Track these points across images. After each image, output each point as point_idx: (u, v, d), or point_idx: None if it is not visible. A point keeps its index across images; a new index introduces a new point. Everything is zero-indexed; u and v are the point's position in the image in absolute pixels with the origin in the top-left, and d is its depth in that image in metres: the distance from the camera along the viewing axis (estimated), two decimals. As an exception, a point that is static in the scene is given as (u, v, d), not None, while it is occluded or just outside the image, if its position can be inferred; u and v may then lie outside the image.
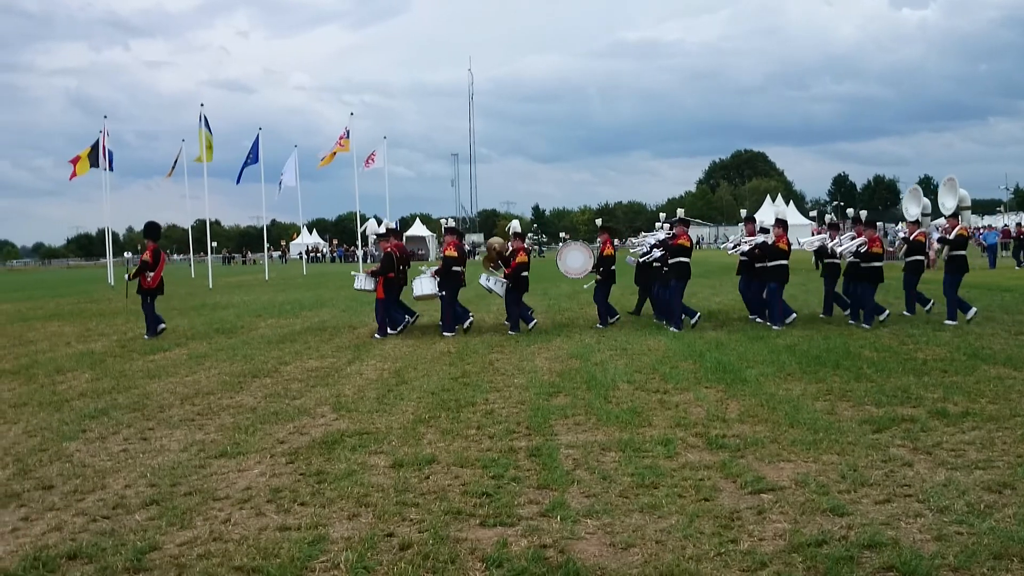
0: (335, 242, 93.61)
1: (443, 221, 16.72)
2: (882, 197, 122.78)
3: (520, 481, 6.02)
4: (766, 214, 67.77)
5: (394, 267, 15.05)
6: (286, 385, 10.32)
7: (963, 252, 15.06)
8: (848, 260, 15.01)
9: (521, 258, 15.07)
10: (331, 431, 7.74)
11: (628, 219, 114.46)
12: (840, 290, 15.63)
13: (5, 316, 22.79)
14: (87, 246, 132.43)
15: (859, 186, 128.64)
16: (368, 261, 46.02)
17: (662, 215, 16.62)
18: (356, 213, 43.55)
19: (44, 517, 5.57)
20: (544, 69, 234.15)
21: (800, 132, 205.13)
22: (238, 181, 39.56)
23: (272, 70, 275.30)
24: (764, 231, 15.78)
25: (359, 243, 44.68)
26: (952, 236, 15.09)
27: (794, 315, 15.06)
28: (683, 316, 14.82)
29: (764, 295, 15.31)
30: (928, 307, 15.74)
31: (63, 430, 8.11)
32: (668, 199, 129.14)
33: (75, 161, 36.24)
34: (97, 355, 13.63)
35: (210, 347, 14.26)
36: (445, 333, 14.85)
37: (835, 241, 15.58)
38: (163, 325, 16.31)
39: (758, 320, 15.39)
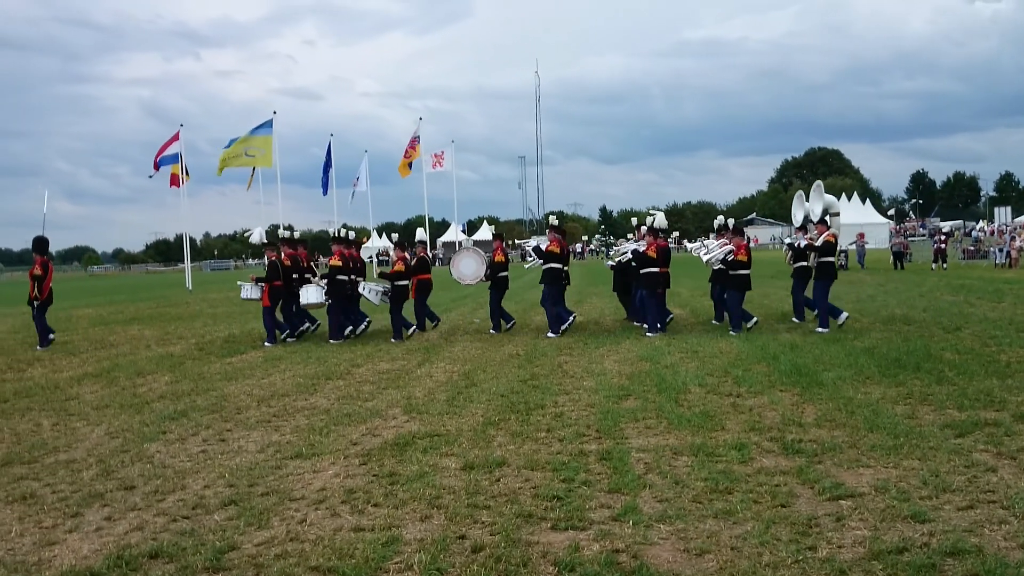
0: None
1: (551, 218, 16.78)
2: (963, 195, 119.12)
3: (591, 485, 5.98)
4: (840, 214, 66.24)
5: (279, 275, 15.52)
6: (358, 387, 10.46)
7: (831, 259, 14.76)
8: (715, 267, 15.20)
9: (398, 267, 15.65)
10: (403, 433, 7.81)
11: (698, 219, 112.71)
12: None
13: (87, 320, 23.60)
14: (165, 251, 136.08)
15: (938, 183, 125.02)
16: (436, 265, 46.32)
17: (551, 218, 16.56)
18: (425, 216, 43.89)
19: (126, 517, 5.72)
20: (608, 70, 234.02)
21: (873, 129, 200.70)
22: (324, 192, 40.08)
23: (339, 77, 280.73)
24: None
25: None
26: (819, 242, 14.71)
27: (664, 322, 15.15)
28: (562, 321, 15.10)
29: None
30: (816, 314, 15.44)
31: (144, 431, 8.34)
32: (739, 198, 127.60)
33: (174, 178, 37.31)
34: (176, 358, 14.00)
35: (284, 350, 14.53)
36: (332, 340, 15.19)
37: (704, 249, 15.75)
38: (52, 335, 16.57)
39: (637, 323, 15.55)
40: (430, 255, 17.22)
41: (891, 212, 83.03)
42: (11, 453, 7.61)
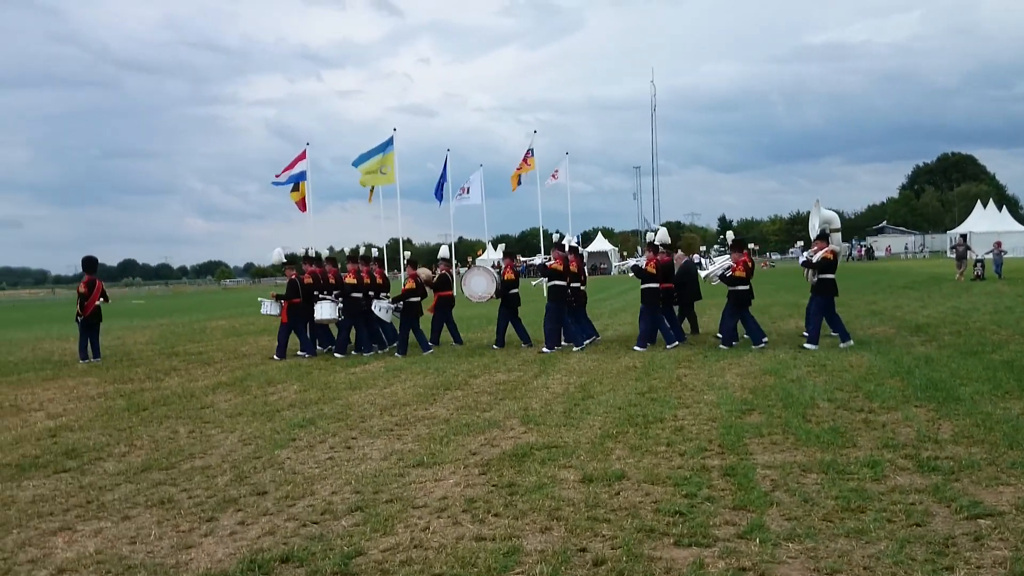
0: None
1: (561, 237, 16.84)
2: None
3: (715, 501, 5.86)
4: (975, 222, 63.12)
5: (299, 293, 16.02)
6: (476, 398, 10.57)
7: (831, 275, 13.98)
8: (713, 283, 15.13)
9: (409, 284, 15.94)
10: (520, 444, 7.84)
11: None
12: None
13: (221, 331, 24.67)
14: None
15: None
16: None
17: (564, 238, 16.32)
18: (540, 229, 44.05)
19: (259, 522, 5.93)
20: (724, 77, 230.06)
21: (1006, 134, 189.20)
22: (440, 202, 40.58)
23: (452, 93, 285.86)
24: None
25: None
26: (816, 259, 14.03)
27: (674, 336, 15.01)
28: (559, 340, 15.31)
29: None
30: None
31: (275, 438, 8.65)
32: (868, 206, 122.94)
33: (300, 200, 38.41)
34: (304, 368, 14.48)
35: (405, 360, 14.83)
36: (336, 354, 16.07)
37: (710, 266, 15.60)
38: (85, 361, 16.83)
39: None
40: (451, 273, 17.92)
41: (1030, 219, 78.28)
42: (150, 459, 8.01)
